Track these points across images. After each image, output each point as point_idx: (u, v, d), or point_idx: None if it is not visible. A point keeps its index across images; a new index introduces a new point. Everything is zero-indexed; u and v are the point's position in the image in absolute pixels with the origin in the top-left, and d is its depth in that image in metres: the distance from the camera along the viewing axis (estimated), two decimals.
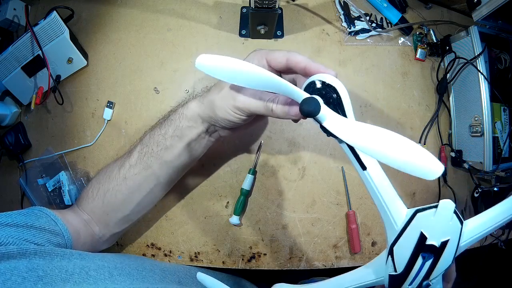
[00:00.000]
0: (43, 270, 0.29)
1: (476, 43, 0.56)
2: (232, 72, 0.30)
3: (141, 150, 0.41)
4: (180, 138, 0.39)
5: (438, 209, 0.26)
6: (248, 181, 0.54)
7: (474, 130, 0.56)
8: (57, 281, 0.29)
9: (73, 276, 0.31)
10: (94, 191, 0.42)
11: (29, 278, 0.27)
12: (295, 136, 0.57)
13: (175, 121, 0.39)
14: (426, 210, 0.27)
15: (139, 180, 0.41)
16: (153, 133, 0.41)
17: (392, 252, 0.29)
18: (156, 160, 0.40)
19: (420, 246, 0.27)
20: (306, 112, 0.28)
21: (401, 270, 0.28)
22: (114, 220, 0.43)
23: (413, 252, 0.27)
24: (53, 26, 0.52)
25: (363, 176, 0.30)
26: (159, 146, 0.40)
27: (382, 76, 0.61)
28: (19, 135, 0.58)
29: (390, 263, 0.29)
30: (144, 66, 0.57)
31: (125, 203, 0.42)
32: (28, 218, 0.35)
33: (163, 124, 0.41)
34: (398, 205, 0.29)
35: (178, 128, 0.39)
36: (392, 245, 0.29)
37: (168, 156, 0.40)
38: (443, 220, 0.26)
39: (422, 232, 0.27)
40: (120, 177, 0.41)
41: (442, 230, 0.27)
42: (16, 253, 0.29)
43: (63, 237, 0.37)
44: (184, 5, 0.58)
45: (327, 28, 0.60)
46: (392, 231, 0.29)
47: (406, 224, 0.28)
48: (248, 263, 0.55)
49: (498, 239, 0.64)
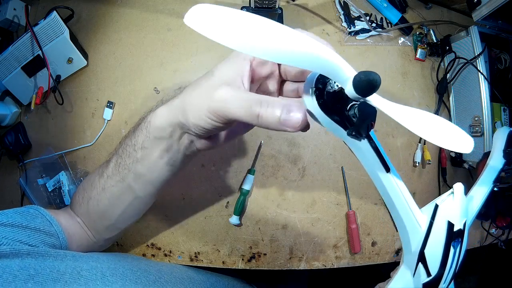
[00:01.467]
0: (34, 269, 0.29)
1: (476, 43, 0.56)
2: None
3: (116, 161, 0.36)
4: (150, 150, 0.33)
5: (454, 193, 0.27)
6: (248, 181, 0.54)
7: (474, 130, 0.56)
8: (48, 280, 0.29)
9: (64, 276, 0.30)
10: (80, 197, 0.40)
11: (20, 277, 0.27)
12: (295, 136, 0.57)
13: (142, 131, 0.33)
14: (445, 200, 0.28)
15: (116, 192, 0.37)
16: (125, 143, 0.36)
17: (423, 257, 0.27)
18: (130, 172, 0.36)
19: (449, 236, 0.27)
20: (371, 82, 0.20)
21: (436, 271, 0.27)
22: (101, 228, 0.42)
23: (445, 245, 0.27)
24: (53, 26, 0.52)
25: (385, 179, 0.27)
26: (130, 157, 0.35)
27: (382, 76, 0.59)
28: (19, 135, 0.58)
29: (422, 270, 0.27)
30: (144, 66, 0.57)
31: (108, 213, 0.40)
32: (23, 218, 0.34)
33: (133, 133, 0.35)
34: (416, 207, 0.28)
35: (147, 139, 0.33)
36: (421, 250, 0.27)
37: (141, 169, 0.35)
38: (460, 203, 0.27)
39: (449, 221, 0.27)
40: (100, 186, 0.38)
41: (461, 212, 0.27)
42: (8, 253, 0.29)
43: (58, 238, 0.37)
44: (184, 5, 0.58)
45: (327, 28, 0.60)
46: (416, 236, 0.28)
47: (431, 220, 0.27)
48: (248, 263, 0.55)
49: (498, 239, 0.64)
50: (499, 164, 0.38)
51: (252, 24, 0.19)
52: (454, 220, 0.27)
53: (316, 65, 0.20)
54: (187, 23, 0.19)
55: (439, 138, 0.26)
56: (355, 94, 0.20)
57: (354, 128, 0.23)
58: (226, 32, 0.18)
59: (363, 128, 0.23)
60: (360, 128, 0.23)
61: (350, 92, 0.21)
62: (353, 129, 0.23)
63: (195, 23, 0.18)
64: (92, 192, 0.39)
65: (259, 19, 0.19)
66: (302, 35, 0.19)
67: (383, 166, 0.26)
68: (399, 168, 0.60)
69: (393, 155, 0.60)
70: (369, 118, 0.23)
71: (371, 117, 0.23)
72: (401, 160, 0.60)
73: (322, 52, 0.20)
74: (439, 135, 0.26)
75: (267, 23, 0.19)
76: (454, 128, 0.27)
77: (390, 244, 0.58)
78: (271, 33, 0.19)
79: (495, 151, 0.39)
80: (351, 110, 0.23)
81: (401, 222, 0.28)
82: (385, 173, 0.26)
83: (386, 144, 0.59)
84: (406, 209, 0.27)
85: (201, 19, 0.18)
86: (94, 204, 0.39)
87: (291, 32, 0.19)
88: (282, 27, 0.19)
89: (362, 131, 0.23)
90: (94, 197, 0.39)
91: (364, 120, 0.22)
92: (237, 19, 0.19)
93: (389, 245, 0.58)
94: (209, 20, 0.18)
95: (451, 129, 0.27)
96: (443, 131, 0.27)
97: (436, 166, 0.62)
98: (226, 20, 0.18)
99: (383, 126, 0.60)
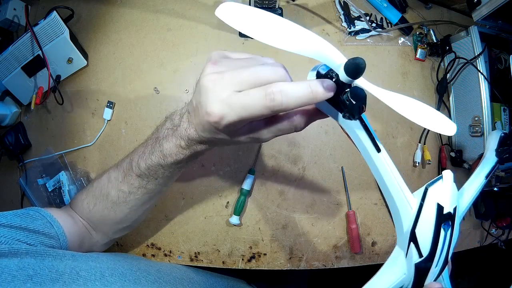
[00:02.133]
0: (33, 269, 0.29)
1: (476, 43, 0.56)
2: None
3: (141, 178, 0.37)
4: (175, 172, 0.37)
5: (443, 178, 0.29)
6: (248, 181, 0.54)
7: (474, 130, 0.56)
8: (46, 281, 0.29)
9: (63, 276, 0.30)
10: (91, 204, 0.40)
11: (19, 277, 0.27)
12: (295, 136, 0.57)
13: (172, 150, 0.33)
14: (434, 183, 0.29)
15: (139, 201, 0.40)
16: (151, 160, 0.35)
17: (414, 236, 0.29)
18: (158, 185, 0.39)
19: (439, 218, 0.28)
20: (357, 64, 0.23)
21: (428, 252, 0.28)
22: (113, 230, 0.43)
23: (435, 226, 0.28)
24: (53, 26, 0.52)
25: (376, 159, 0.29)
26: (157, 177, 0.37)
27: (382, 76, 0.61)
28: (19, 135, 0.58)
29: (414, 250, 0.29)
30: (144, 66, 0.57)
31: (126, 218, 0.42)
32: (22, 220, 0.34)
33: (157, 150, 0.35)
34: (407, 189, 0.30)
35: (177, 156, 0.33)
36: (412, 229, 0.29)
37: (166, 183, 0.39)
38: (449, 188, 0.29)
39: (438, 203, 0.28)
40: (119, 200, 0.39)
41: (451, 197, 0.28)
42: (7, 252, 0.29)
43: (58, 240, 0.37)
44: (184, 5, 0.58)
45: (327, 28, 0.60)
46: (407, 216, 0.29)
47: (421, 202, 0.29)
48: (248, 263, 0.55)
49: (498, 239, 0.64)
50: (491, 161, 0.40)
51: (270, 20, 0.25)
52: (443, 203, 0.28)
53: (317, 54, 0.25)
54: (218, 15, 0.25)
55: (423, 120, 0.28)
56: (347, 77, 0.24)
57: (347, 110, 0.27)
58: (249, 25, 0.25)
59: (355, 110, 0.26)
60: (352, 110, 0.27)
61: (342, 76, 0.25)
62: (346, 111, 0.27)
63: (224, 16, 0.25)
64: (107, 203, 0.40)
65: (275, 17, 0.25)
66: (308, 32, 0.24)
67: (374, 146, 0.29)
68: (399, 168, 0.59)
69: (393, 155, 0.59)
70: (360, 101, 0.26)
71: (362, 100, 0.26)
72: (401, 160, 0.60)
73: (321, 44, 0.25)
74: (424, 118, 0.28)
75: (282, 21, 0.25)
76: (438, 114, 0.30)
77: (390, 244, 0.58)
78: (284, 28, 0.25)
79: (488, 150, 0.42)
80: (344, 95, 0.27)
81: (392, 202, 0.30)
82: (376, 153, 0.29)
83: (386, 144, 0.59)
84: (397, 188, 0.29)
85: (229, 13, 0.25)
86: (111, 213, 0.40)
87: (300, 29, 0.25)
88: (290, 24, 0.25)
89: (354, 112, 0.27)
90: (111, 207, 0.40)
91: (356, 102, 0.26)
92: (257, 16, 0.25)
93: (389, 245, 0.58)
94: (235, 15, 0.25)
95: (435, 114, 0.30)
96: (427, 115, 0.29)
97: (436, 166, 0.62)
98: (247, 16, 0.25)
99: (383, 126, 0.60)
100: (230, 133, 0.28)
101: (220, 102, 0.25)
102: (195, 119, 0.29)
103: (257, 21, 0.24)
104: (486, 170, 0.39)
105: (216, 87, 0.25)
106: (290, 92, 0.24)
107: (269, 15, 0.25)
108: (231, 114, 0.25)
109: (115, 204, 0.40)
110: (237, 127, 0.27)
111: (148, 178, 0.37)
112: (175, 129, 0.32)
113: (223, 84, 0.25)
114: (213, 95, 0.26)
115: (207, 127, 0.28)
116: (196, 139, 0.31)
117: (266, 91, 0.24)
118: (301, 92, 0.25)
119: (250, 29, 0.24)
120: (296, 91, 0.25)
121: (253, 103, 0.25)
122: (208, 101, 0.26)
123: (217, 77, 0.26)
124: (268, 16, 0.25)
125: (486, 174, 0.38)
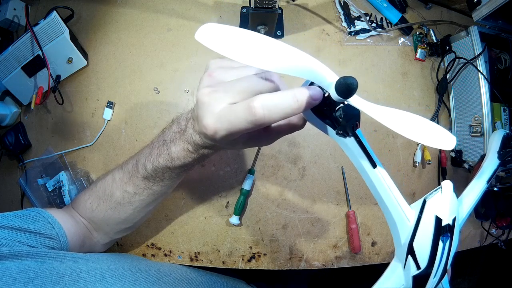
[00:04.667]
0: (34, 272, 0.29)
1: (476, 43, 0.56)
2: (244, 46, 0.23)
3: (148, 180, 0.38)
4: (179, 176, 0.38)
5: (442, 189, 0.28)
6: (248, 181, 0.54)
7: (474, 130, 0.56)
8: (47, 283, 0.29)
9: (63, 278, 0.31)
10: (94, 204, 0.41)
11: (19, 279, 0.27)
12: (295, 136, 0.57)
13: (180, 153, 0.33)
14: (433, 194, 0.29)
15: (144, 202, 0.40)
16: (158, 167, 0.35)
17: (412, 249, 0.28)
18: (164, 187, 0.39)
19: (438, 230, 0.28)
20: (348, 85, 0.22)
21: (426, 264, 0.28)
22: (115, 231, 0.44)
23: (433, 239, 0.28)
24: (53, 26, 0.52)
25: (372, 174, 0.29)
26: (165, 179, 0.37)
27: (382, 76, 0.61)
28: (19, 135, 0.58)
29: (412, 263, 0.29)
30: (144, 66, 0.57)
31: (130, 218, 0.42)
32: (23, 221, 0.34)
33: (164, 152, 0.35)
34: (404, 202, 0.29)
35: (185, 159, 0.34)
36: (410, 242, 0.28)
37: (172, 183, 0.40)
38: (448, 199, 0.28)
39: (436, 215, 0.28)
40: (124, 200, 0.40)
41: (450, 208, 0.28)
42: (8, 254, 0.29)
43: (59, 241, 0.37)
44: (184, 5, 0.58)
45: (327, 28, 0.60)
46: (405, 229, 0.29)
47: (419, 215, 0.28)
48: (248, 263, 0.55)
49: (498, 239, 0.64)
50: (493, 165, 0.39)
51: (253, 41, 0.23)
52: (442, 215, 0.28)
53: (305, 73, 0.23)
54: (198, 39, 0.22)
55: (420, 136, 0.27)
56: (338, 97, 0.23)
57: (340, 128, 0.26)
58: (231, 48, 0.22)
59: (349, 128, 0.26)
60: (346, 128, 0.26)
61: (333, 95, 0.23)
62: (339, 129, 0.26)
63: (204, 40, 0.22)
64: (111, 203, 0.40)
65: (258, 37, 0.23)
66: (294, 50, 0.23)
67: (370, 162, 0.29)
68: (399, 168, 0.60)
69: (393, 155, 0.60)
70: (354, 119, 0.25)
71: (355, 118, 0.25)
72: (401, 160, 0.60)
73: (309, 63, 0.23)
74: (420, 133, 0.27)
75: (266, 40, 0.23)
76: (436, 127, 0.29)
77: (390, 244, 0.58)
78: (269, 48, 0.23)
79: (490, 153, 0.41)
80: (338, 112, 0.26)
81: (389, 215, 0.30)
82: (372, 168, 0.29)
83: (386, 144, 0.59)
84: (393, 203, 0.29)
85: (209, 36, 0.22)
86: (114, 213, 0.41)
87: (285, 47, 0.23)
88: (276, 42, 0.23)
89: (348, 130, 0.26)
90: (114, 208, 0.40)
91: (349, 120, 0.25)
92: (240, 36, 0.22)
93: (389, 245, 0.58)
94: (216, 37, 0.22)
95: (432, 127, 0.29)
96: (424, 129, 0.28)
97: (436, 166, 0.62)
98: (230, 37, 0.22)
99: (383, 126, 0.60)
100: (228, 143, 0.29)
101: (213, 116, 0.26)
102: (197, 127, 0.29)
103: (241, 43, 0.22)
104: (488, 174, 0.37)
105: (211, 101, 0.26)
106: (272, 105, 0.23)
107: (254, 34, 0.23)
108: (222, 128, 0.26)
109: (119, 205, 0.40)
110: (234, 137, 0.27)
111: (155, 180, 0.37)
112: (182, 133, 0.32)
113: (217, 98, 0.26)
114: (208, 109, 0.26)
115: (207, 137, 0.28)
116: (201, 145, 0.31)
117: (249, 104, 0.24)
118: (285, 103, 0.24)
119: (234, 52, 0.22)
120: (280, 102, 0.24)
121: (237, 118, 0.24)
122: (204, 115, 0.26)
123: (212, 90, 0.26)
124: (253, 36, 0.23)
125: (487, 179, 0.37)
